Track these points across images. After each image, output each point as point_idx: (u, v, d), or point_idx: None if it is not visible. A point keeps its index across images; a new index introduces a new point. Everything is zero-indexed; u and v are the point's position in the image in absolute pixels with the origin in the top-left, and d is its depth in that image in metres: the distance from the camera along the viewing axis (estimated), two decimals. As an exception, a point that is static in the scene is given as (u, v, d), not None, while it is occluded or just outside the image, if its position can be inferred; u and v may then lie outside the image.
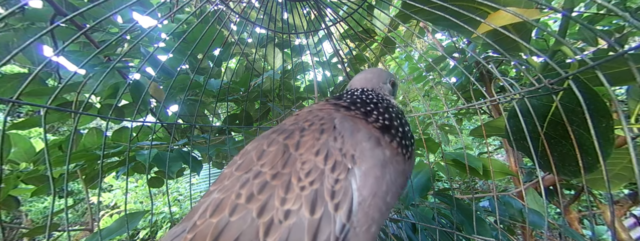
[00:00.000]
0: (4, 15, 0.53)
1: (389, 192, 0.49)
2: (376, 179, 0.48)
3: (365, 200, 0.46)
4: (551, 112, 0.75)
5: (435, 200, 1.18)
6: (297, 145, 0.48)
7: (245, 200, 0.44)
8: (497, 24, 0.66)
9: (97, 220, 1.60)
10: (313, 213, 0.41)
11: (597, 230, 2.39)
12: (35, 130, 3.99)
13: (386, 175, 0.49)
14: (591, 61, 0.47)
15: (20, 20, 1.25)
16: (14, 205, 1.24)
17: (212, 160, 1.67)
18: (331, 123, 0.52)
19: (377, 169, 0.48)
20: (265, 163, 0.47)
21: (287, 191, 0.43)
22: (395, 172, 0.52)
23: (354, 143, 0.49)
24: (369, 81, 0.71)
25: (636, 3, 1.50)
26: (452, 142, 3.93)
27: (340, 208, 0.42)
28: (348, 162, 0.46)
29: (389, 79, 0.73)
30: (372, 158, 0.49)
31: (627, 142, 0.45)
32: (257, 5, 1.37)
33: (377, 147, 0.51)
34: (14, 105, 0.52)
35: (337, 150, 0.47)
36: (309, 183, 0.43)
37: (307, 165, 0.45)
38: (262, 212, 0.42)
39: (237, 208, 0.43)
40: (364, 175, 0.46)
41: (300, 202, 0.42)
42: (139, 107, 0.99)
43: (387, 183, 0.49)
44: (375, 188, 0.47)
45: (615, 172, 0.93)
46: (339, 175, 0.44)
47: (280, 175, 0.45)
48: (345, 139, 0.49)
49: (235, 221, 0.42)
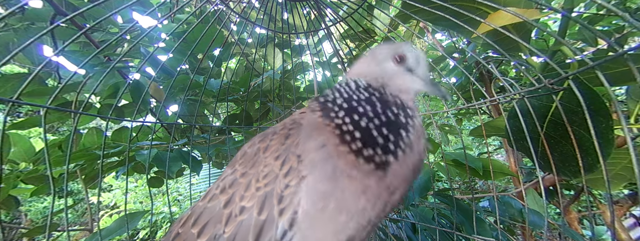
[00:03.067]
0: (4, 15, 0.53)
1: (342, 212, 0.43)
2: (322, 194, 0.43)
3: (309, 214, 0.43)
4: (551, 112, 0.75)
5: (435, 200, 1.18)
6: (265, 149, 0.51)
7: (219, 192, 0.51)
8: (497, 24, 0.66)
9: (97, 220, 1.60)
10: (260, 214, 0.45)
11: (597, 230, 2.39)
12: (35, 130, 3.99)
13: (336, 192, 0.43)
14: (591, 61, 0.48)
15: (20, 20, 1.25)
16: (14, 205, 1.24)
17: (212, 160, 1.67)
18: (298, 129, 0.50)
19: (323, 183, 0.44)
20: (242, 162, 0.53)
21: (247, 190, 0.47)
22: (359, 189, 0.44)
23: (306, 152, 0.46)
24: (358, 69, 0.60)
25: (636, 3, 1.50)
26: (452, 142, 3.93)
27: (284, 213, 0.44)
28: (303, 170, 0.45)
29: (391, 56, 0.57)
30: (319, 171, 0.44)
31: (627, 142, 0.46)
32: (257, 5, 1.37)
33: (328, 159, 0.45)
34: (14, 105, 0.52)
35: (296, 156, 0.46)
36: (264, 185, 0.46)
37: (267, 168, 0.48)
38: (226, 204, 0.48)
39: (213, 197, 0.51)
40: (309, 186, 0.44)
41: (253, 201, 0.46)
42: (139, 107, 0.99)
43: (340, 201, 0.43)
44: (320, 204, 0.43)
45: (615, 172, 0.93)
46: (290, 181, 0.45)
47: (247, 174, 0.49)
48: (302, 146, 0.47)
49: (209, 208, 0.50)
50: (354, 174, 0.44)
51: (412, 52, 0.56)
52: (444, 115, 3.39)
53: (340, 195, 0.43)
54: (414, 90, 0.55)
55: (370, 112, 0.49)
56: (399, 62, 0.56)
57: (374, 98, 0.52)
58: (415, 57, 0.56)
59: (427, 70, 0.57)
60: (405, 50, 0.56)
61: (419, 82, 0.55)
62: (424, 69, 0.56)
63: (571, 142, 0.64)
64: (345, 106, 0.50)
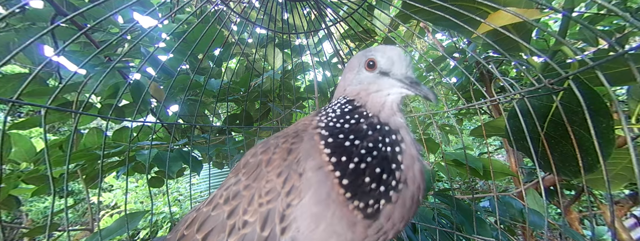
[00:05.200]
0: (5, 15, 0.53)
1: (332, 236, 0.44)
2: (314, 217, 0.44)
3: (304, 233, 0.44)
4: (551, 112, 0.75)
5: (435, 200, 1.18)
6: (268, 162, 0.51)
7: (223, 202, 0.51)
8: (497, 24, 0.66)
9: (97, 220, 1.60)
10: (263, 230, 0.46)
11: (597, 230, 2.39)
12: (35, 130, 3.99)
13: (327, 214, 0.44)
14: (591, 61, 0.47)
15: (21, 20, 1.25)
16: (15, 205, 1.24)
17: (212, 160, 1.67)
18: (300, 144, 0.50)
19: (317, 205, 0.44)
20: (245, 172, 0.53)
21: (250, 204, 0.48)
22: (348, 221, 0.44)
23: (306, 171, 0.46)
24: (341, 84, 0.58)
25: (636, 3, 1.50)
26: (453, 142, 3.93)
27: (286, 232, 0.45)
28: (303, 190, 0.45)
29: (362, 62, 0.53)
30: (314, 192, 0.45)
31: (627, 142, 0.45)
32: (257, 6, 1.37)
33: (323, 181, 0.45)
34: (15, 105, 0.52)
35: (298, 174, 0.46)
36: (266, 202, 0.47)
37: (269, 184, 0.48)
38: (230, 215, 0.49)
39: (217, 206, 0.52)
40: (304, 205, 0.45)
41: (256, 217, 0.47)
42: (139, 107, 0.99)
43: (330, 225, 0.43)
44: (313, 224, 0.44)
45: (615, 172, 0.93)
46: (292, 200, 0.45)
47: (250, 187, 0.50)
48: (302, 164, 0.47)
49: (213, 217, 0.51)
50: (343, 206, 0.44)
51: (382, 54, 0.53)
52: (444, 115, 3.39)
53: (330, 220, 0.43)
54: (391, 98, 0.51)
55: (357, 152, 0.46)
56: (371, 67, 0.53)
57: (358, 125, 0.49)
58: (388, 58, 0.52)
59: (406, 68, 0.52)
60: (373, 54, 0.53)
61: (396, 84, 0.51)
62: (401, 68, 0.52)
63: (571, 142, 0.64)
64: (330, 141, 0.49)
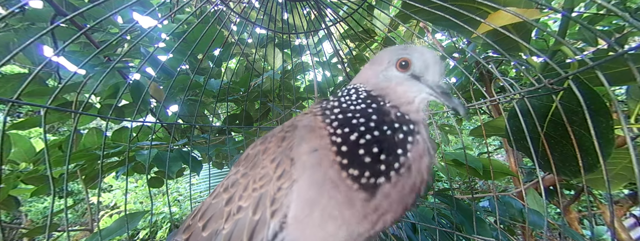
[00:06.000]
0: (5, 15, 0.53)
1: (328, 221, 0.42)
2: (308, 200, 0.43)
3: (298, 219, 0.43)
4: (551, 112, 0.75)
5: (435, 200, 1.18)
6: (264, 151, 0.52)
7: (223, 190, 0.53)
8: (497, 24, 0.66)
9: (97, 220, 1.60)
10: (254, 214, 0.46)
11: (597, 230, 2.39)
12: (35, 130, 3.99)
13: (322, 200, 0.43)
14: (591, 61, 0.48)
15: (20, 21, 1.25)
16: (14, 205, 1.24)
17: (212, 160, 1.67)
18: (294, 131, 0.50)
19: (311, 189, 0.43)
20: (244, 163, 0.55)
21: (245, 190, 0.49)
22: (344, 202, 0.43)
23: (299, 155, 0.46)
24: (361, 74, 0.58)
25: (636, 3, 1.50)
26: (452, 142, 3.93)
27: (275, 215, 0.45)
28: (295, 173, 0.45)
29: (394, 61, 0.51)
30: (308, 176, 0.44)
31: (627, 142, 0.46)
32: (257, 6, 1.37)
33: (318, 164, 0.44)
34: (14, 105, 0.52)
35: (289, 159, 0.46)
36: (260, 187, 0.48)
37: (263, 170, 0.49)
38: (227, 202, 0.51)
39: (217, 194, 0.54)
40: (298, 190, 0.44)
41: (249, 202, 0.48)
42: (139, 107, 0.99)
43: (326, 209, 0.43)
44: (307, 210, 0.43)
45: (615, 172, 0.93)
46: (283, 183, 0.45)
47: (247, 175, 0.51)
48: (295, 149, 0.47)
49: (213, 204, 0.53)
50: (339, 185, 0.43)
51: (419, 56, 0.50)
52: (444, 115, 3.39)
53: (326, 203, 0.42)
54: (419, 99, 0.49)
55: (362, 126, 0.45)
56: (403, 67, 0.50)
57: (371, 109, 0.47)
58: (423, 62, 0.49)
59: (439, 76, 0.49)
60: (410, 54, 0.50)
61: (426, 90, 0.48)
62: (434, 75, 0.49)
63: (571, 141, 0.64)
64: (340, 117, 0.48)
